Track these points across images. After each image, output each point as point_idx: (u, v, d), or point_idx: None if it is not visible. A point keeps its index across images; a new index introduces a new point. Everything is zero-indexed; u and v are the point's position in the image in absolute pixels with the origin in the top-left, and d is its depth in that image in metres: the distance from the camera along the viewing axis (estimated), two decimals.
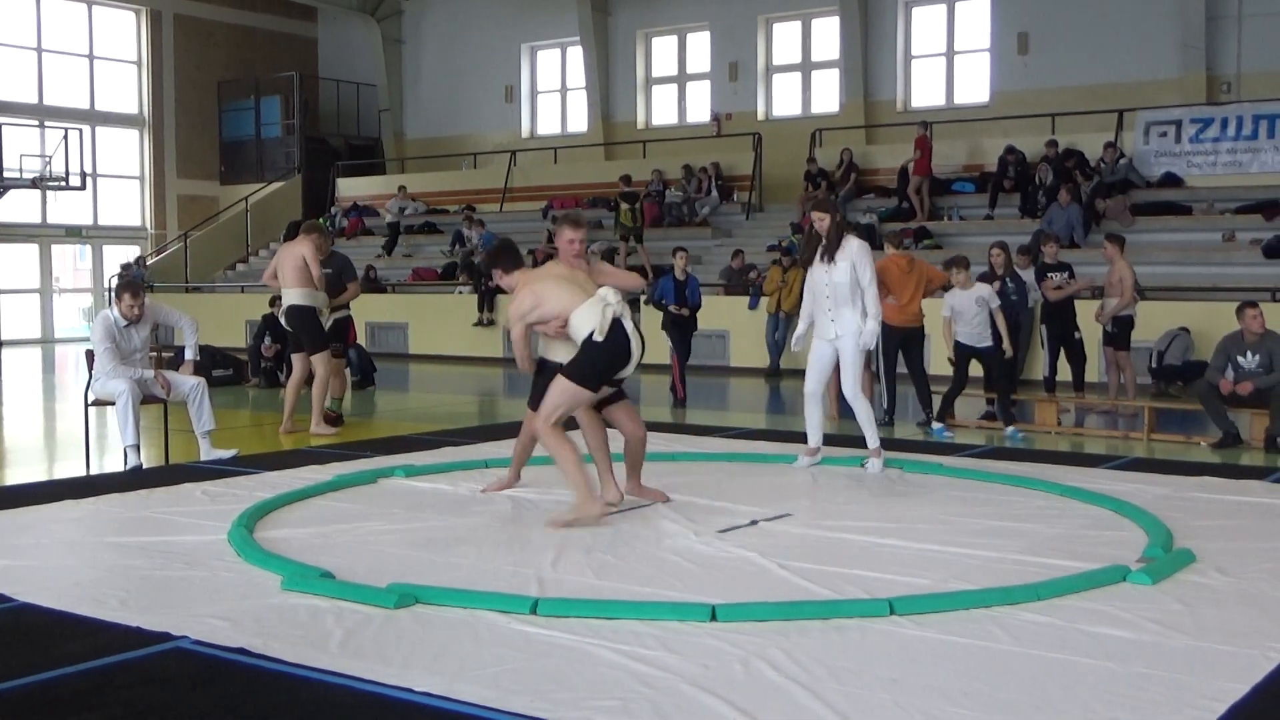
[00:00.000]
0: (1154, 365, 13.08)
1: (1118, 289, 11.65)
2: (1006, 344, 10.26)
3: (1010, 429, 10.07)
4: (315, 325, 10.23)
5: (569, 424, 6.84)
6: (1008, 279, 11.10)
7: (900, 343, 10.68)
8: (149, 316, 8.75)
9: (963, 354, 10.35)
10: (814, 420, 8.43)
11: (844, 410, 11.41)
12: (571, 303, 6.42)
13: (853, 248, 8.07)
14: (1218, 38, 19.10)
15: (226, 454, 8.65)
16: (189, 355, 8.98)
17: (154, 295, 10.94)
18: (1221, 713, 3.69)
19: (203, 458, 8.62)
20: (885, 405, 10.83)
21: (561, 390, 6.41)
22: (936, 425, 10.15)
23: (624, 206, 19.66)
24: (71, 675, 4.04)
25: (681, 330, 13.12)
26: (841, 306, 8.07)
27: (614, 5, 25.14)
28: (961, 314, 10.29)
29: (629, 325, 6.39)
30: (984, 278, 11.35)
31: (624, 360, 6.41)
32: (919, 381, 10.80)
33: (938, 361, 14.94)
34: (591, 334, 6.31)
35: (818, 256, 8.16)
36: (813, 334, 8.39)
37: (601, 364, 6.40)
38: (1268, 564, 5.54)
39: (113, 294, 8.56)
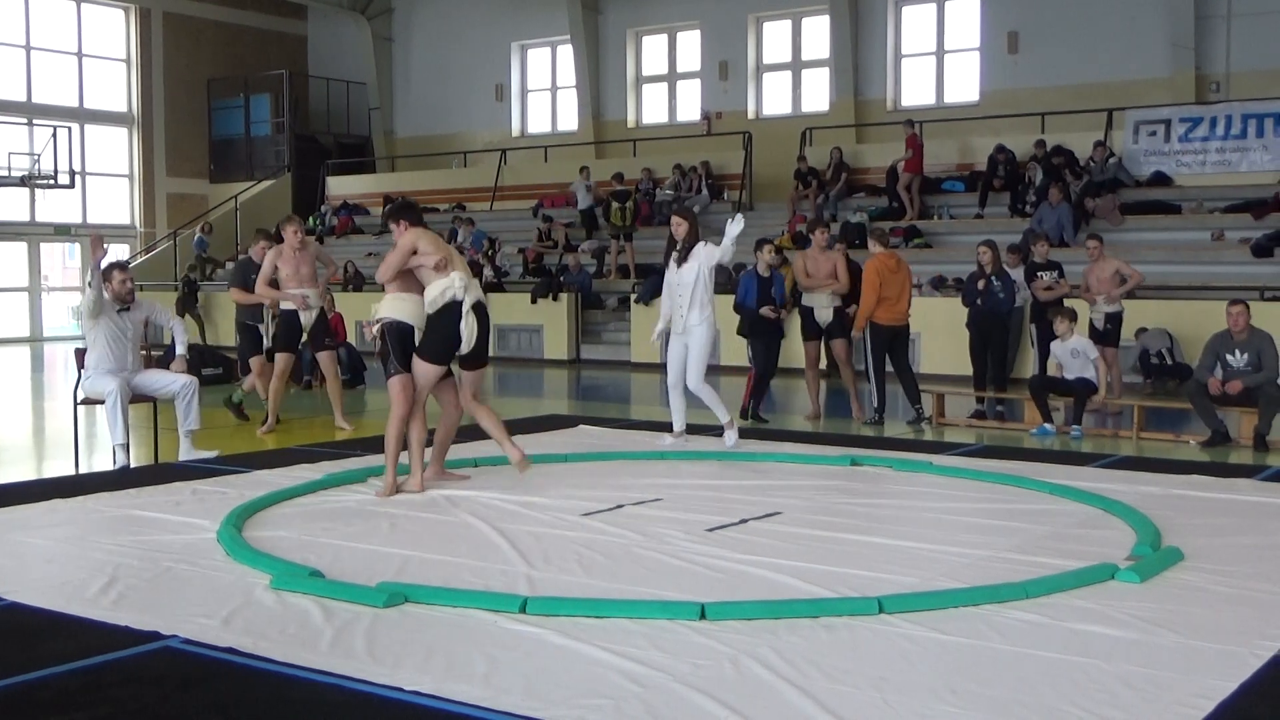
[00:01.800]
0: (1168, 364, 13.21)
1: (1113, 283, 11.65)
2: (1102, 392, 10.34)
3: (1076, 428, 10.10)
4: (281, 328, 10.28)
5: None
6: (994, 277, 11.12)
7: (888, 341, 10.71)
8: (142, 307, 8.79)
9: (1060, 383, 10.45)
10: (678, 407, 9.27)
11: (830, 409, 11.47)
12: (437, 265, 7.16)
13: (700, 251, 8.97)
14: (1207, 37, 19.15)
15: (208, 454, 8.63)
16: (180, 351, 8.98)
17: (145, 294, 10.84)
18: (1209, 710, 3.70)
19: (181, 457, 8.62)
20: (875, 404, 10.84)
21: (421, 373, 7.26)
22: (1075, 428, 10.12)
23: (615, 205, 19.64)
24: (60, 675, 4.03)
25: (768, 338, 10.95)
26: (690, 303, 8.92)
27: (604, 4, 25.13)
28: (1064, 364, 10.42)
29: (466, 307, 7.15)
30: (972, 276, 11.38)
31: (457, 341, 7.21)
32: (905, 378, 10.84)
33: (929, 360, 15.03)
34: (442, 308, 7.13)
35: (674, 260, 9.06)
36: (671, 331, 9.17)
37: (441, 341, 7.21)
38: (1256, 562, 5.56)
39: (102, 276, 8.55)
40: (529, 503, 6.92)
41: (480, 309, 7.26)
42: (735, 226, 8.79)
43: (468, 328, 7.17)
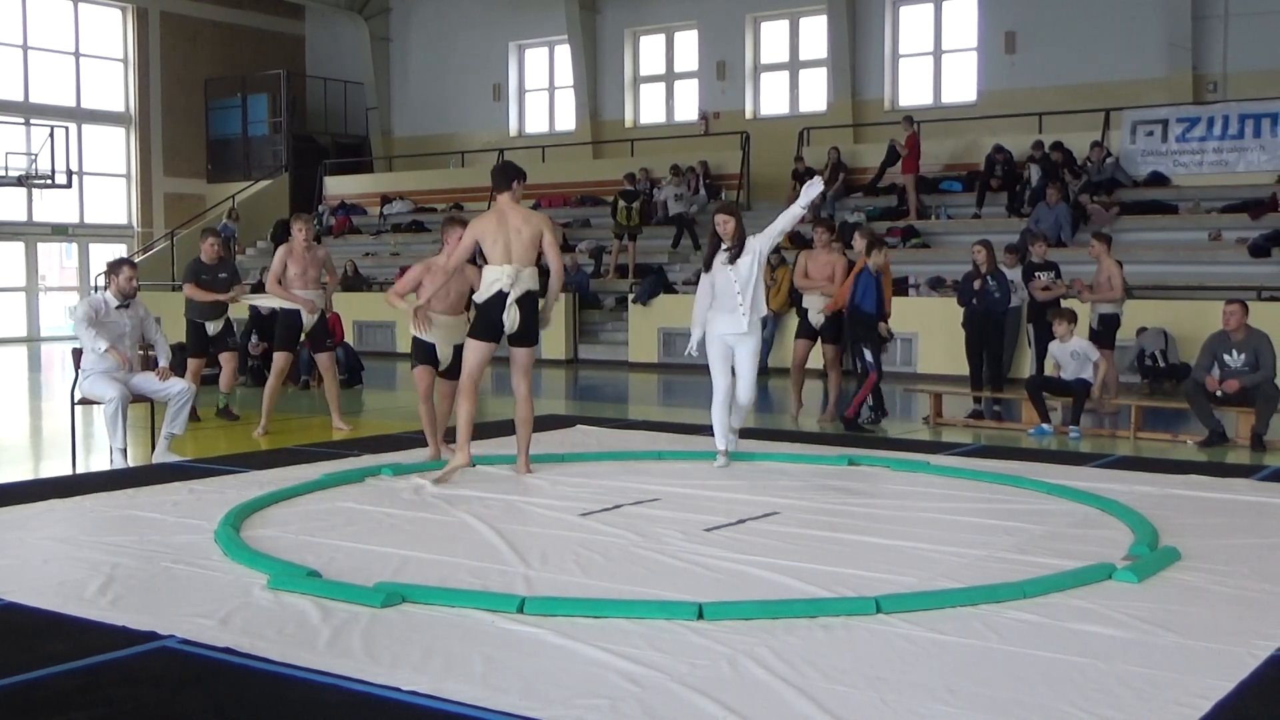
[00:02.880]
0: (1162, 365, 13.23)
1: (1105, 288, 11.67)
2: (1096, 390, 10.27)
3: (1074, 428, 10.08)
4: (281, 328, 10.30)
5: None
6: (990, 276, 11.12)
7: (879, 342, 10.71)
8: (137, 308, 8.79)
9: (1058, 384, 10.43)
10: (722, 423, 8.39)
11: (838, 411, 11.45)
12: (495, 255, 7.55)
13: (752, 243, 8.27)
14: (1204, 37, 19.16)
15: (179, 459, 8.60)
16: (162, 363, 8.94)
17: (144, 295, 10.84)
18: (1206, 710, 3.71)
19: (155, 458, 8.65)
20: (870, 404, 10.81)
21: (474, 350, 7.67)
22: (1073, 428, 10.08)
23: (622, 204, 19.62)
24: (57, 674, 4.03)
25: (877, 339, 10.42)
26: (750, 301, 8.20)
27: (602, 4, 25.12)
28: (1063, 365, 10.40)
29: (510, 300, 7.48)
30: (968, 276, 11.38)
31: (501, 326, 7.61)
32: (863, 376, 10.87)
33: (926, 360, 15.03)
34: (493, 295, 7.52)
35: (721, 259, 8.25)
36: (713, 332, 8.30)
37: (490, 321, 7.58)
38: (1253, 562, 5.57)
39: (109, 269, 8.58)
40: (527, 503, 6.93)
41: (528, 299, 7.57)
42: (813, 189, 8.14)
43: (509, 319, 7.52)
